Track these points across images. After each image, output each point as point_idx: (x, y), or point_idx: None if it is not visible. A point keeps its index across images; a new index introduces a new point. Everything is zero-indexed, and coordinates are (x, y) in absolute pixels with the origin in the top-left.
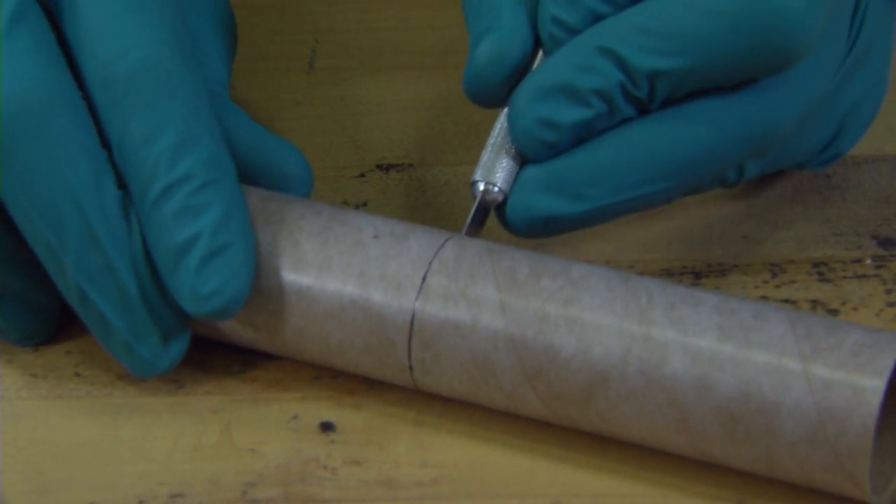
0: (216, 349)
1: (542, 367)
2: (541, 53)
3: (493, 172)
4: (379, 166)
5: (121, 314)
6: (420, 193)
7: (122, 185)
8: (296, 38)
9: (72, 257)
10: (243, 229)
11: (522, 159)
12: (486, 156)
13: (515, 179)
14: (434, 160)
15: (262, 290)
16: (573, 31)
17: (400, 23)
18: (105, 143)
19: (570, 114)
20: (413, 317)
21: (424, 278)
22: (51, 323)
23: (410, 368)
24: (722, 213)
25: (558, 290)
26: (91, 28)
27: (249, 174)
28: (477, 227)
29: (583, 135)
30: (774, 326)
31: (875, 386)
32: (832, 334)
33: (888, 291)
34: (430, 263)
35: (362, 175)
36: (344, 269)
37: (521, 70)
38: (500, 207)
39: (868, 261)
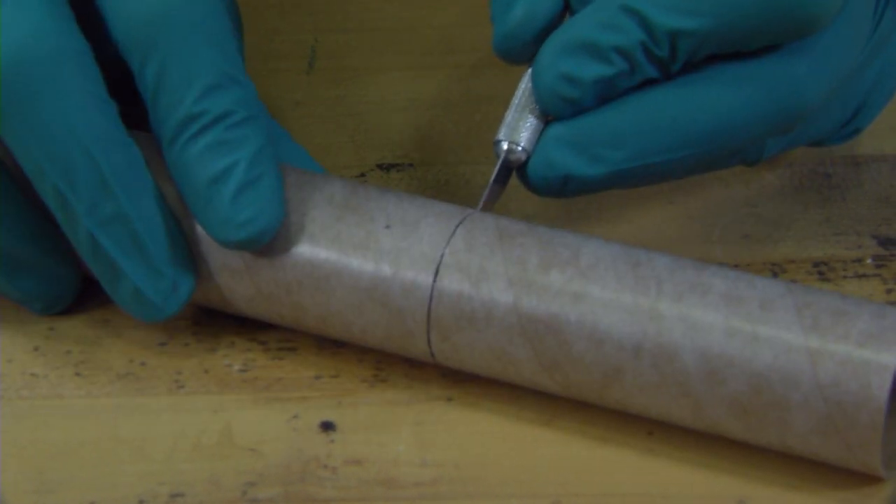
0: (216, 348)
1: (558, 360)
2: (567, 14)
3: (517, 132)
4: (379, 166)
5: (132, 260)
6: (420, 193)
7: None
8: (296, 38)
9: (84, 206)
10: (275, 165)
11: (546, 119)
12: (509, 116)
13: (539, 138)
14: (434, 160)
15: (280, 282)
16: None
17: (400, 22)
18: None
19: (592, 70)
20: (429, 311)
21: (437, 272)
22: (69, 292)
23: (432, 355)
24: (723, 213)
25: (567, 282)
26: None
27: None
28: (500, 186)
29: (605, 93)
30: (781, 317)
31: (881, 382)
32: (839, 322)
33: (888, 291)
34: (441, 256)
35: (362, 175)
36: (359, 263)
37: (551, 30)
38: (522, 168)
39: (868, 260)
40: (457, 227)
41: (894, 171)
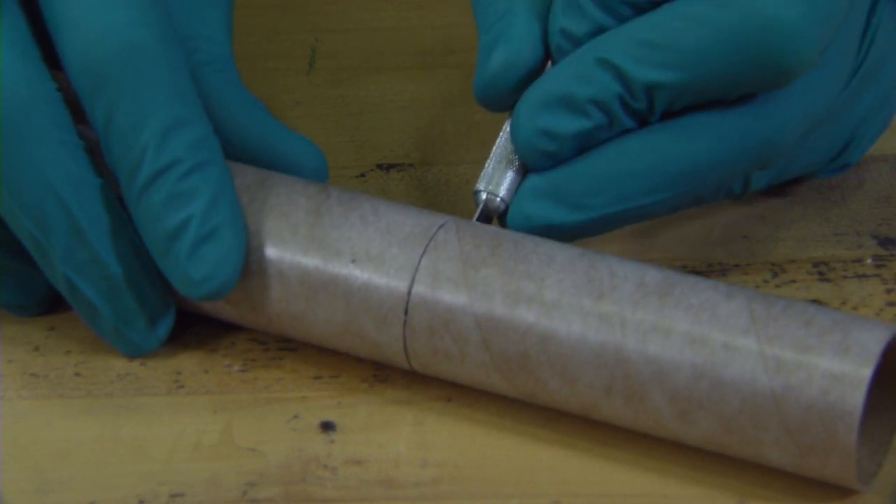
0: (217, 349)
1: (535, 393)
2: (549, 64)
3: (496, 182)
4: (379, 166)
5: (108, 302)
6: (420, 193)
7: (105, 171)
8: (296, 38)
9: (58, 252)
10: (232, 212)
11: (525, 169)
12: (490, 165)
13: (517, 188)
14: (434, 160)
15: (260, 315)
16: (580, 44)
17: (400, 22)
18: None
19: (570, 124)
20: (405, 346)
21: (406, 311)
22: (45, 297)
23: (415, 373)
24: (722, 213)
25: (534, 323)
26: (68, 13)
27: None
28: None
29: (584, 145)
30: (745, 359)
31: (847, 428)
32: (802, 362)
33: (888, 291)
34: (409, 294)
35: (362, 175)
36: (330, 302)
37: (531, 78)
38: (502, 216)
39: (868, 260)
40: (420, 258)
41: (894, 172)
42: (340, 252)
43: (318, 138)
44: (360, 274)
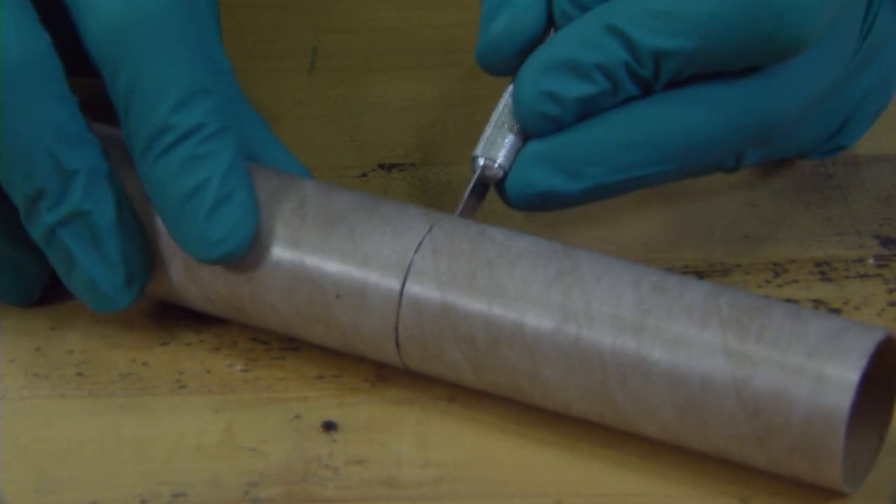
0: (219, 348)
1: (533, 407)
2: (552, 29)
3: (495, 148)
4: (381, 166)
5: (88, 254)
6: (422, 193)
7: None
8: (296, 38)
9: (44, 201)
10: (246, 176)
11: (524, 137)
12: (488, 131)
13: (517, 155)
14: (436, 159)
15: (262, 327)
16: (585, 9)
17: (401, 22)
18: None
19: (574, 88)
20: (404, 365)
21: (398, 343)
22: (36, 286)
23: (418, 373)
24: (724, 213)
25: (519, 359)
26: None
27: None
28: (475, 201)
29: (586, 111)
30: (723, 401)
31: (830, 465)
32: (779, 404)
33: (890, 291)
34: (396, 329)
35: (364, 175)
36: (325, 330)
37: (534, 44)
38: (500, 183)
39: (870, 260)
40: (401, 296)
41: (895, 171)
42: (325, 288)
43: (319, 138)
44: (345, 311)
